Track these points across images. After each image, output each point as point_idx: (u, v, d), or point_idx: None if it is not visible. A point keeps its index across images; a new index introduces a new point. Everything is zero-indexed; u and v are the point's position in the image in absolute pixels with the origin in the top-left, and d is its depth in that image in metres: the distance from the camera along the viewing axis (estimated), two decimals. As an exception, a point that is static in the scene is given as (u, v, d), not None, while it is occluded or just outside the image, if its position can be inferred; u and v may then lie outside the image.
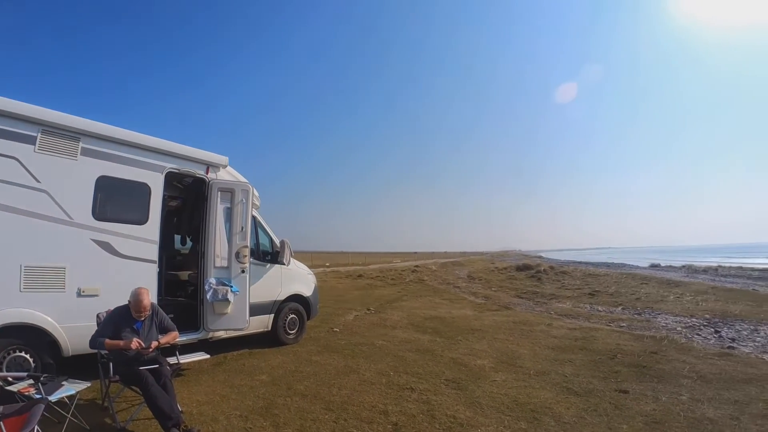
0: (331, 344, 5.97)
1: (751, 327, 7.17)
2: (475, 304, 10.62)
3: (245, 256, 5.00)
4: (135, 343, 3.10)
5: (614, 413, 3.45)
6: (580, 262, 33.67)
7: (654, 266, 27.12)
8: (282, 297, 5.88)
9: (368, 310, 9.28)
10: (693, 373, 4.49)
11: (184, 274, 6.05)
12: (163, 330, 3.47)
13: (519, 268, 22.46)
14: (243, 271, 5.00)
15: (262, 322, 5.63)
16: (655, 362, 4.98)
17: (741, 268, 24.63)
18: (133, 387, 3.08)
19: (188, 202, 6.14)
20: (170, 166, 4.56)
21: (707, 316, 8.39)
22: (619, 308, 9.86)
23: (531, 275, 19.19)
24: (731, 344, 5.98)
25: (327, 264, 29.32)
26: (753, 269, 22.47)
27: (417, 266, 26.87)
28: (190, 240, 6.55)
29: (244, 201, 5.10)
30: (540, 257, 50.64)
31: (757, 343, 6.04)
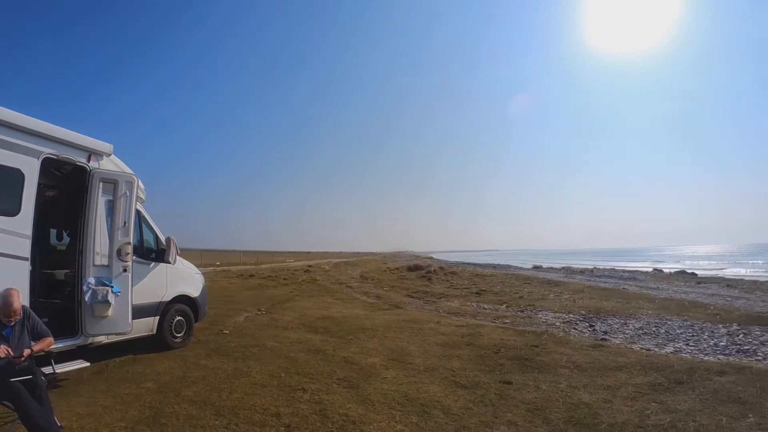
0: (220, 347, 8.03)
1: (621, 321, 11.32)
2: (367, 304, 15.02)
3: (128, 253, 6.47)
4: (3, 350, 3.74)
5: (499, 403, 5.35)
6: (468, 263, 50.73)
7: (536, 267, 39.42)
8: (168, 298, 7.83)
9: (259, 310, 12.62)
10: (570, 363, 6.99)
11: (61, 274, 7.58)
12: (36, 336, 4.22)
13: (410, 269, 33.63)
14: (125, 270, 6.47)
15: (147, 326, 7.44)
16: (536, 355, 7.55)
17: (614, 269, 38.76)
18: (5, 402, 3.66)
19: (66, 192, 7.68)
20: (48, 151, 5.72)
21: (583, 312, 12.70)
22: (504, 306, 14.61)
23: (422, 275, 28.43)
24: (604, 337, 9.42)
25: (217, 263, 40.43)
26: (624, 270, 35.94)
27: (310, 266, 37.35)
28: (68, 235, 8.40)
29: (128, 194, 6.58)
30: (431, 258, 76.81)
31: (626, 335, 9.72)
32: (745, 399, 5.39)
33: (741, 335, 9.76)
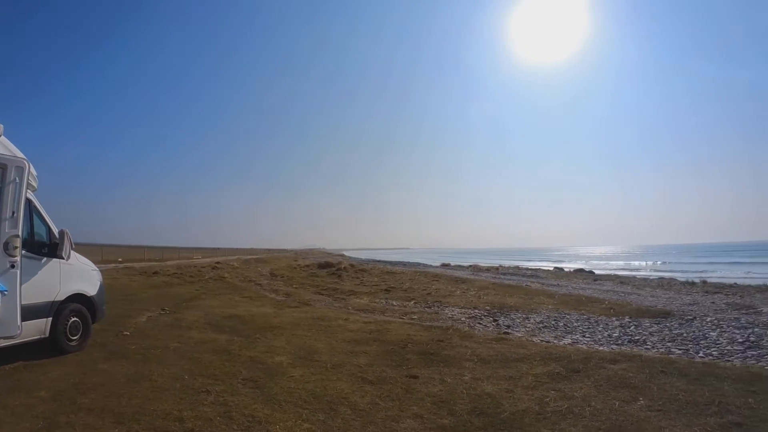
0: (120, 349, 7.71)
1: (524, 316, 11.97)
2: (275, 302, 15.07)
3: (16, 247, 6.10)
4: None
5: (405, 397, 5.46)
6: (379, 261, 51.64)
7: (445, 266, 40.63)
8: (61, 297, 7.35)
9: (163, 310, 12.29)
10: (474, 356, 7.27)
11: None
12: None
13: (321, 266, 33.86)
14: (13, 266, 6.12)
15: (38, 328, 6.95)
16: (442, 349, 7.78)
17: (518, 267, 40.92)
18: None
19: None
20: None
21: (488, 307, 13.26)
22: (412, 302, 14.99)
23: (332, 273, 28.74)
24: (507, 330, 9.89)
25: (119, 259, 39.08)
26: (528, 269, 38.00)
27: (218, 263, 36.97)
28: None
29: (18, 180, 6.23)
30: (342, 256, 77.95)
31: (527, 329, 10.27)
32: (636, 384, 5.88)
33: (632, 327, 10.64)
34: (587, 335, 9.81)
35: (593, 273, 35.15)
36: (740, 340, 9.17)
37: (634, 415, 4.92)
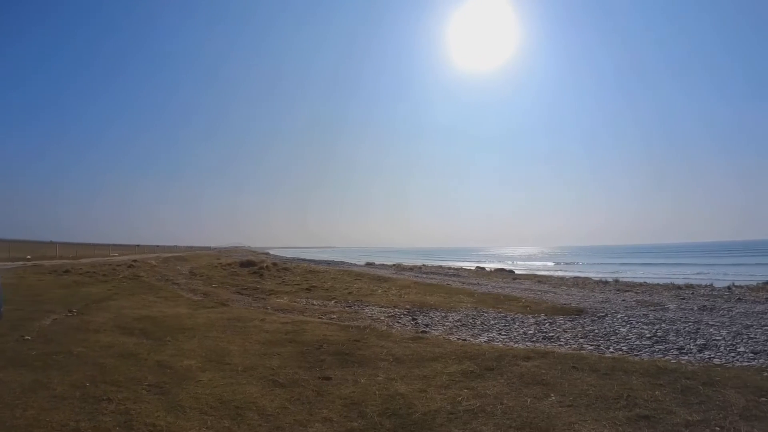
0: (19, 355, 7.12)
1: (443, 314, 12.05)
2: (191, 302, 14.63)
3: None
4: None
5: (316, 400, 5.28)
6: (303, 260, 50.95)
7: (369, 264, 40.72)
8: None
9: (70, 311, 11.58)
10: (390, 356, 7.18)
11: None
12: None
13: (243, 264, 33.66)
14: None
15: None
16: (357, 349, 7.64)
17: (441, 267, 41.72)
18: None
19: None
20: None
21: (408, 306, 13.26)
22: (333, 302, 14.81)
23: (254, 271, 28.27)
24: (425, 329, 9.87)
25: (28, 257, 37.97)
26: (450, 268, 38.80)
27: (135, 261, 36.07)
28: None
29: None
30: (267, 254, 77.84)
31: (445, 327, 10.33)
32: (548, 381, 5.97)
33: (547, 324, 10.94)
34: (503, 333, 9.99)
35: (513, 272, 36.29)
36: (648, 335, 9.63)
37: (545, 411, 4.97)
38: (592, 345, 8.92)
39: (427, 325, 10.51)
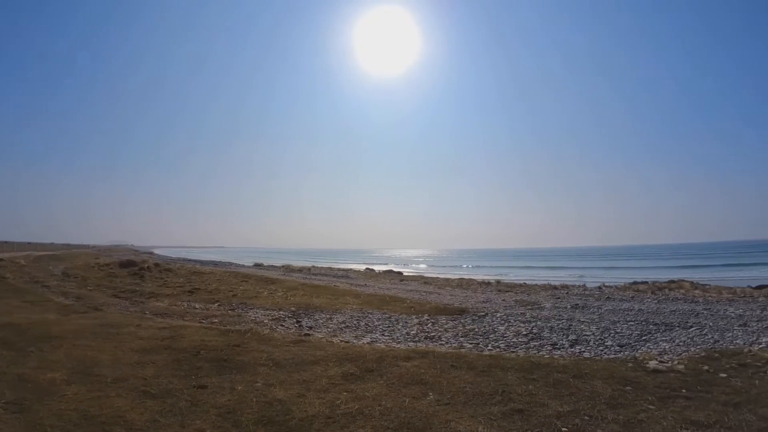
0: None
1: (327, 316, 11.98)
2: (61, 306, 13.05)
3: None
4: None
5: (190, 410, 4.99)
6: (189, 260, 49.45)
7: (257, 265, 39.59)
8: None
9: None
10: (270, 360, 6.99)
11: None
12: None
13: (122, 265, 30.86)
14: None
15: None
16: (237, 354, 7.36)
17: (330, 268, 41.66)
18: None
19: None
20: None
21: (293, 308, 13.02)
22: (216, 305, 14.18)
23: (134, 272, 26.04)
24: (308, 332, 9.77)
25: None
26: (339, 269, 38.87)
27: (1, 260, 32.87)
28: None
29: None
30: (151, 254, 73.15)
31: (329, 329, 10.29)
32: (427, 380, 6.13)
33: (430, 324, 11.21)
34: (386, 334, 10.13)
35: (401, 273, 37.00)
36: (524, 332, 10.19)
37: (423, 410, 5.09)
38: (471, 343, 9.26)
39: (310, 328, 10.41)
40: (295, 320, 11.30)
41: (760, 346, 8.59)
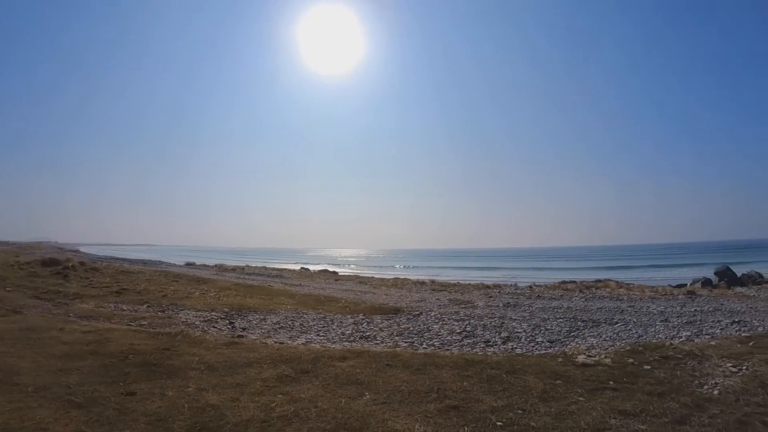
0: None
1: (262, 317, 11.73)
2: None
3: None
4: None
5: (118, 419, 4.74)
6: (117, 258, 45.69)
7: (189, 264, 38.18)
8: None
9: None
10: (201, 364, 6.77)
11: None
12: None
13: (45, 263, 27.66)
14: None
15: None
16: (167, 358, 7.07)
17: (265, 267, 41.01)
18: None
19: None
20: None
21: (226, 309, 12.67)
22: (145, 306, 13.51)
23: (57, 272, 23.91)
24: (241, 333, 9.56)
25: None
26: (274, 269, 38.36)
27: None
28: None
29: None
30: (76, 251, 70.58)
31: (263, 330, 10.10)
32: (363, 380, 6.16)
33: (365, 324, 11.26)
34: (321, 334, 10.06)
35: (336, 273, 36.89)
36: (458, 330, 10.42)
37: (359, 410, 5.10)
38: (406, 342, 9.35)
39: (244, 329, 10.19)
40: (228, 321, 11.02)
41: (681, 339, 9.32)
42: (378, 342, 9.38)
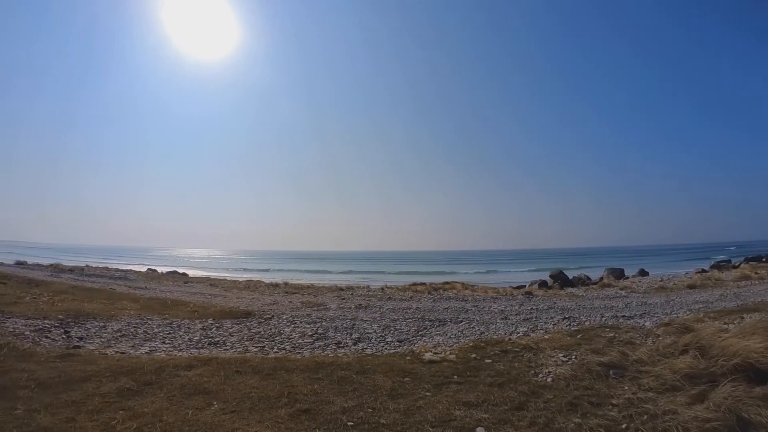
0: None
1: (101, 324, 10.81)
2: None
3: None
4: None
5: None
6: None
7: (20, 263, 33.67)
8: None
9: None
10: (32, 381, 6.07)
11: None
12: None
13: None
14: None
15: None
16: (-10, 376, 6.14)
17: (107, 268, 37.71)
18: None
19: None
20: None
21: (61, 316, 11.37)
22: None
23: None
24: (78, 343, 8.78)
25: None
26: (117, 269, 35.46)
27: None
28: None
29: None
30: None
31: (103, 339, 9.37)
32: (211, 388, 6.03)
33: (214, 329, 10.91)
34: (167, 341, 9.58)
35: (186, 275, 35.25)
36: (310, 333, 10.52)
37: (207, 421, 5.01)
38: (257, 347, 9.26)
39: (81, 339, 9.33)
40: (62, 330, 9.94)
41: (518, 334, 10.37)
42: (227, 348, 9.15)
